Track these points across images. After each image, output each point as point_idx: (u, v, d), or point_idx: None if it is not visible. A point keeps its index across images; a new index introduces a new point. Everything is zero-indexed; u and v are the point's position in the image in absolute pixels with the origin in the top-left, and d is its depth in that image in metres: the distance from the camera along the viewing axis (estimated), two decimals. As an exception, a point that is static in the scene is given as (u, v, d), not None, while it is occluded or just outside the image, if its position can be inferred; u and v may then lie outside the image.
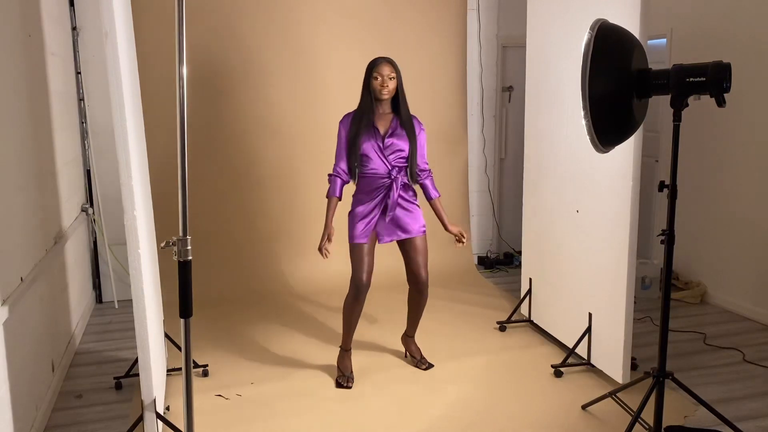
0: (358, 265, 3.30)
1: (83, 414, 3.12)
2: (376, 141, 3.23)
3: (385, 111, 3.29)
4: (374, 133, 3.24)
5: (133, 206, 2.34)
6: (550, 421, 2.98)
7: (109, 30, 2.21)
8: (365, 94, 3.26)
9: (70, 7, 4.48)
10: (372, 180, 3.28)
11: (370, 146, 3.23)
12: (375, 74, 3.20)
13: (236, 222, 4.95)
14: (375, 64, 3.21)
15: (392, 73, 3.20)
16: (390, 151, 3.25)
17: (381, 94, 3.20)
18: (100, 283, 4.83)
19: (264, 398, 3.24)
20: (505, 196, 5.93)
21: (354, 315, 3.37)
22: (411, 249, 3.37)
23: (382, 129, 3.26)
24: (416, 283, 3.41)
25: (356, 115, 3.27)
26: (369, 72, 3.23)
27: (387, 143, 3.24)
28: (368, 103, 3.24)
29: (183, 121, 1.85)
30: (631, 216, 3.10)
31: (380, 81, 3.19)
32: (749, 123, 4.31)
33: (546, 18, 3.80)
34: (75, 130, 4.47)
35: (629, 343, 3.21)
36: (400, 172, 3.29)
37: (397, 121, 3.28)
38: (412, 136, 3.27)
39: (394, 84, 3.21)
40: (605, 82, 2.37)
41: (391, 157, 3.26)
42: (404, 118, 3.28)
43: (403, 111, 3.28)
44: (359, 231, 3.30)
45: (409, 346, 3.65)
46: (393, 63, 3.22)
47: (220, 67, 4.79)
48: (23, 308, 2.80)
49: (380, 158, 3.24)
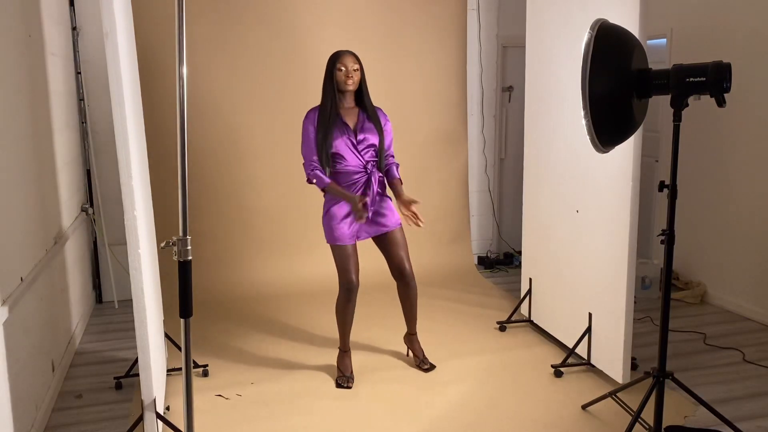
0: (345, 266, 3.27)
1: (83, 414, 3.12)
2: (348, 137, 3.19)
3: (350, 104, 3.26)
4: (344, 129, 3.20)
5: (133, 206, 2.35)
6: (550, 421, 2.98)
7: (109, 30, 2.21)
8: (328, 88, 3.19)
9: (70, 7, 4.48)
10: (345, 176, 3.23)
11: (342, 142, 3.18)
12: (339, 65, 3.15)
13: (236, 222, 4.95)
14: (338, 56, 3.17)
15: (356, 64, 3.16)
16: (363, 146, 3.22)
17: (346, 85, 3.16)
18: (100, 283, 4.83)
19: (264, 398, 3.24)
20: (505, 196, 5.93)
21: (348, 316, 3.36)
22: (390, 243, 3.32)
23: (351, 123, 3.23)
24: (401, 277, 3.37)
25: (322, 111, 3.20)
26: (332, 64, 3.18)
27: (360, 138, 3.21)
28: (332, 97, 3.19)
29: (183, 121, 1.85)
30: (631, 216, 3.10)
31: (345, 72, 3.14)
32: (749, 123, 4.31)
33: (546, 18, 3.80)
34: (75, 130, 4.47)
35: (629, 343, 3.21)
36: (375, 165, 3.27)
37: (364, 115, 3.26)
38: (380, 129, 3.26)
39: (358, 76, 3.18)
40: (605, 82, 2.37)
41: (364, 151, 3.23)
42: (370, 110, 3.26)
43: (368, 103, 3.26)
44: (344, 232, 3.25)
45: (412, 344, 3.62)
46: (356, 55, 3.19)
47: (220, 67, 4.79)
48: (23, 308, 2.80)
49: (354, 154, 3.21)
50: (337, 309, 3.38)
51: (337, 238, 3.26)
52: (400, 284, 3.41)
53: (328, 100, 3.19)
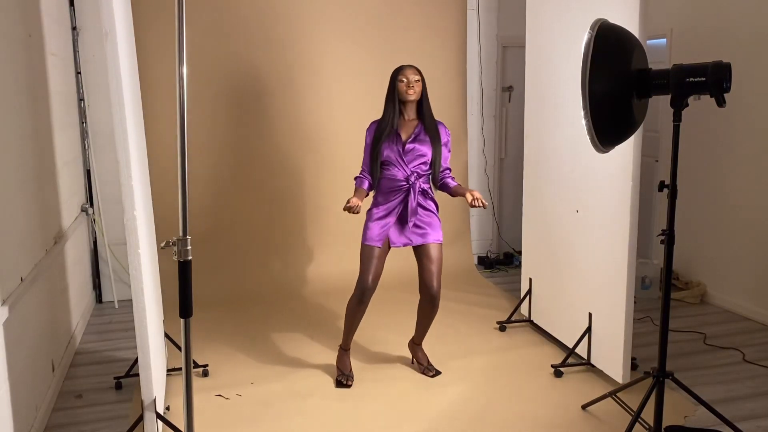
0: (366, 267, 3.28)
1: (83, 414, 3.12)
2: (397, 146, 3.25)
3: (410, 117, 3.31)
4: (396, 139, 3.26)
5: (133, 206, 2.34)
6: (550, 421, 2.98)
7: (109, 30, 2.21)
8: (389, 99, 3.29)
9: (70, 7, 4.48)
10: (390, 182, 3.29)
11: (391, 151, 3.25)
12: (401, 77, 3.23)
13: (236, 222, 4.95)
14: (400, 69, 3.27)
15: (417, 76, 3.24)
16: (411, 157, 3.26)
17: (407, 95, 3.22)
18: (100, 283, 4.83)
19: (264, 398, 3.24)
20: (505, 196, 5.93)
21: (357, 317, 3.36)
22: (425, 256, 3.33)
23: (404, 135, 3.28)
24: (428, 294, 3.35)
25: (381, 122, 3.31)
26: (394, 77, 3.27)
27: (408, 148, 3.25)
28: (392, 110, 3.27)
29: (183, 121, 1.85)
30: (631, 216, 3.10)
31: (406, 83, 3.22)
32: (749, 123, 4.31)
33: (546, 18, 3.80)
34: (75, 130, 4.47)
35: (629, 343, 3.21)
36: (420, 178, 3.29)
37: (421, 127, 3.30)
38: (437, 142, 3.29)
39: (420, 86, 3.25)
40: (605, 82, 2.37)
41: (412, 163, 3.26)
42: (428, 123, 3.30)
43: (427, 116, 3.31)
44: (374, 233, 3.29)
45: (416, 353, 3.59)
46: (417, 68, 3.27)
47: (220, 68, 4.79)
48: (23, 308, 2.80)
49: (400, 163, 3.26)
50: (348, 307, 3.37)
51: (366, 237, 3.30)
52: (424, 299, 3.38)
53: (388, 112, 3.29)
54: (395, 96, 3.27)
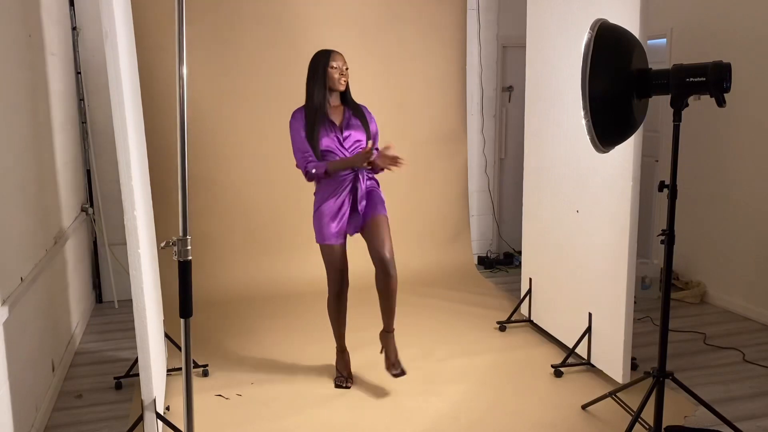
0: (333, 266, 3.26)
1: (83, 414, 3.12)
2: (335, 134, 3.17)
3: (336, 103, 3.25)
4: (331, 127, 3.17)
5: (133, 206, 2.34)
6: (550, 421, 2.98)
7: (109, 30, 2.21)
8: (317, 86, 3.16)
9: (70, 7, 4.48)
10: (334, 174, 3.18)
11: (330, 140, 3.15)
12: (332, 63, 3.14)
13: (236, 222, 4.95)
14: (329, 54, 3.16)
15: (345, 63, 3.19)
16: (349, 143, 3.20)
17: (340, 84, 3.16)
18: (100, 283, 4.83)
19: (264, 398, 3.24)
20: (505, 196, 5.93)
21: (340, 316, 3.35)
22: (372, 227, 3.18)
23: (337, 121, 3.21)
24: (380, 262, 3.11)
25: (308, 110, 3.18)
26: (323, 63, 3.15)
27: (345, 135, 3.19)
28: (321, 96, 3.16)
29: (183, 121, 1.85)
30: (631, 216, 3.10)
31: (338, 70, 3.15)
32: (749, 123, 4.31)
33: (546, 18, 3.80)
34: (75, 130, 4.47)
35: (629, 343, 3.21)
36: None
37: (349, 112, 3.25)
38: (366, 126, 3.25)
39: (348, 74, 3.20)
40: (605, 82, 2.37)
41: (351, 148, 3.20)
42: (354, 108, 3.26)
43: (351, 101, 3.27)
44: (333, 232, 3.23)
45: (387, 342, 3.27)
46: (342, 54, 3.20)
47: (220, 68, 4.79)
48: (23, 308, 2.80)
49: (341, 151, 3.18)
50: (329, 309, 3.37)
51: (325, 237, 3.25)
52: (378, 271, 3.13)
53: (316, 99, 3.16)
54: (324, 82, 3.15)
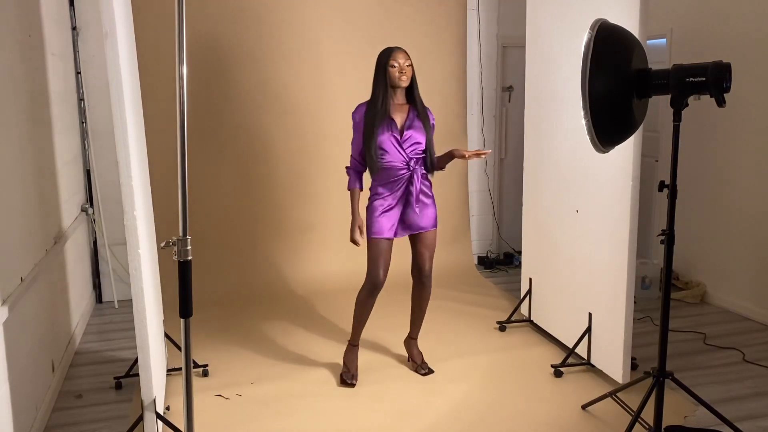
0: (377, 261, 3.25)
1: (83, 414, 3.12)
2: (393, 133, 3.18)
3: (400, 101, 3.24)
4: (391, 126, 3.18)
5: (133, 206, 2.34)
6: (550, 421, 2.98)
7: (109, 30, 2.21)
8: (380, 84, 3.18)
9: (70, 7, 4.48)
10: (389, 172, 3.22)
11: (387, 138, 3.17)
12: (392, 62, 3.14)
13: (236, 222, 4.95)
14: (390, 52, 3.16)
15: (408, 60, 3.17)
16: (408, 144, 3.21)
17: (400, 81, 3.15)
18: (100, 283, 4.83)
19: (264, 398, 3.24)
20: (505, 196, 5.93)
21: (366, 311, 3.34)
22: (420, 242, 3.34)
23: (399, 121, 3.21)
24: (419, 274, 3.40)
25: (370, 106, 3.20)
26: (384, 61, 3.16)
27: (405, 136, 3.19)
28: (383, 94, 3.17)
29: (183, 121, 1.85)
30: (631, 216, 3.10)
31: (398, 68, 3.14)
32: (749, 123, 4.31)
33: (546, 18, 3.80)
34: (75, 130, 4.47)
35: (629, 343, 3.21)
36: (418, 162, 3.25)
37: (414, 113, 3.24)
38: (428, 128, 3.25)
39: (410, 71, 3.18)
40: (605, 82, 2.37)
41: (409, 149, 3.21)
42: (419, 108, 3.25)
43: (418, 101, 3.25)
44: (384, 226, 3.24)
45: (411, 349, 3.58)
46: (406, 51, 3.19)
47: (220, 68, 4.79)
48: (23, 308, 2.80)
49: (398, 151, 3.19)
50: (358, 301, 3.34)
51: (374, 231, 3.25)
52: (416, 282, 3.43)
53: (378, 96, 3.18)
54: (386, 80, 3.17)
